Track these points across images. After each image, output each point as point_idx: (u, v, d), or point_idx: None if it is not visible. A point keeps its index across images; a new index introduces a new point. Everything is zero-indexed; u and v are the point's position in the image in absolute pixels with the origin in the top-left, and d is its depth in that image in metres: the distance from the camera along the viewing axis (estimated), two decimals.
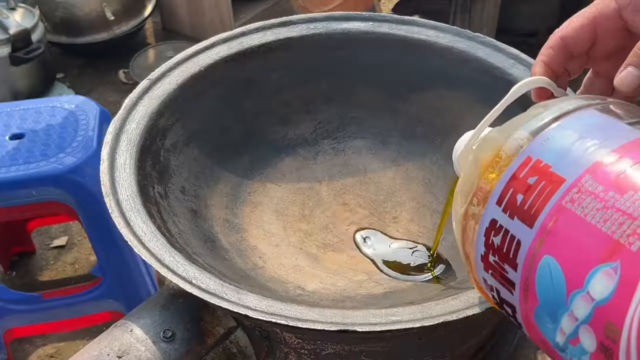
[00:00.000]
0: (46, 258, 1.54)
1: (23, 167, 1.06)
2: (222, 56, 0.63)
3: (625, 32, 0.42)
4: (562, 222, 0.31)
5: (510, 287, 0.35)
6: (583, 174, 0.32)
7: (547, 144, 0.34)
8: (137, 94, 0.59)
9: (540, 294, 0.32)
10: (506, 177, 0.35)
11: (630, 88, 0.39)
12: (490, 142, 0.38)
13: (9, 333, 1.26)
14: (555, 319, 0.31)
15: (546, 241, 0.32)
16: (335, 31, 0.66)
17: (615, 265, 0.28)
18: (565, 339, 0.31)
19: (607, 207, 0.30)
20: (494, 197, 0.35)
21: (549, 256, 0.32)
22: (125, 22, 2.07)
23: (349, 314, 0.43)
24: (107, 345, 0.45)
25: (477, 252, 0.37)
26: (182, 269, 0.46)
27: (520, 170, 0.34)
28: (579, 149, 0.33)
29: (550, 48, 0.43)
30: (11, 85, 1.84)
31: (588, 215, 0.31)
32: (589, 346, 0.30)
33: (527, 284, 0.33)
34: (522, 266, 0.33)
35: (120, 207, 0.49)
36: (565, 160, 0.33)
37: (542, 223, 0.32)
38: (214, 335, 0.47)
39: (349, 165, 0.66)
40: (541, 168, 0.34)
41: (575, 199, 0.31)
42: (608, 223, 0.30)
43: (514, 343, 0.58)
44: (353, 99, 0.68)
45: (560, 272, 0.31)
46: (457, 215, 0.39)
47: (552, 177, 0.33)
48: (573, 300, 0.30)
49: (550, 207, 0.32)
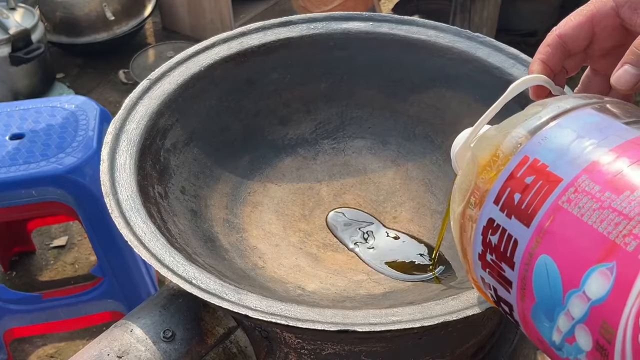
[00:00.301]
0: (46, 258, 1.54)
1: (23, 167, 1.06)
2: (222, 56, 0.63)
3: (622, 30, 0.42)
4: (559, 222, 0.32)
5: (508, 286, 0.35)
6: (580, 173, 0.32)
7: (544, 143, 0.35)
8: (137, 94, 0.59)
9: (537, 293, 0.32)
10: (504, 176, 0.35)
11: (627, 86, 0.39)
12: (487, 140, 0.38)
13: (9, 333, 1.26)
14: (552, 317, 0.31)
15: (543, 241, 0.32)
16: (335, 31, 0.66)
17: (611, 265, 0.29)
18: (561, 338, 0.31)
19: (604, 207, 0.30)
20: (492, 196, 0.35)
21: (546, 255, 0.32)
22: (125, 22, 2.07)
23: (349, 314, 0.43)
24: (107, 345, 0.45)
25: (475, 250, 0.37)
26: (182, 269, 0.46)
27: (518, 169, 0.35)
28: (576, 149, 0.33)
29: (548, 46, 0.43)
30: (11, 85, 1.84)
31: (584, 215, 0.31)
32: (585, 345, 0.30)
33: (524, 283, 0.33)
34: (519, 265, 0.33)
35: (120, 207, 0.49)
36: (563, 159, 0.33)
37: (539, 222, 0.32)
38: (214, 335, 0.47)
39: (349, 165, 0.66)
40: (538, 167, 0.34)
41: (572, 199, 0.32)
42: (604, 223, 0.30)
43: (514, 343, 0.58)
44: (353, 99, 0.68)
45: (557, 271, 0.31)
46: (454, 213, 0.39)
47: (549, 176, 0.33)
48: (569, 300, 0.30)
49: (547, 207, 0.32)
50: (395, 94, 0.67)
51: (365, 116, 0.68)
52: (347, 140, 0.68)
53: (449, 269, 0.56)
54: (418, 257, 0.58)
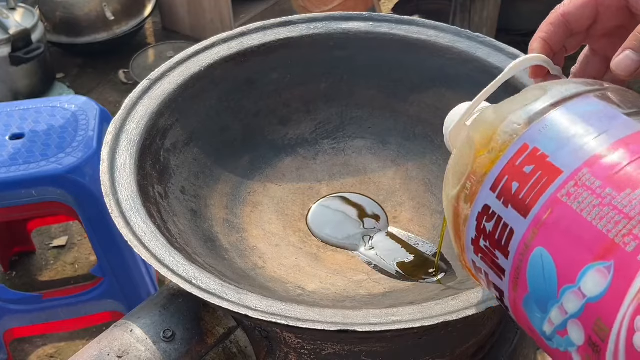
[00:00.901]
0: (46, 258, 1.54)
1: (23, 167, 1.06)
2: (222, 56, 0.63)
3: (626, 11, 0.41)
4: (557, 215, 0.31)
5: (500, 273, 0.34)
6: (581, 166, 0.31)
7: (545, 131, 0.34)
8: (137, 94, 0.59)
9: (531, 284, 0.32)
10: (502, 164, 0.34)
11: (627, 72, 0.38)
12: (485, 123, 0.37)
13: (9, 333, 1.26)
14: (545, 309, 0.31)
15: (540, 233, 0.32)
16: (335, 31, 0.66)
17: (609, 264, 0.28)
18: (553, 329, 0.31)
19: (604, 204, 0.30)
20: (488, 182, 0.35)
21: (542, 248, 0.31)
22: (125, 22, 2.07)
23: (349, 314, 0.43)
24: (107, 345, 0.45)
25: (468, 235, 0.37)
26: (182, 269, 0.46)
27: (517, 157, 0.34)
28: (577, 140, 0.32)
29: (550, 24, 0.42)
30: (11, 85, 1.84)
31: (584, 211, 0.30)
32: (577, 339, 0.30)
33: (518, 273, 0.33)
34: (513, 255, 0.33)
35: (120, 207, 0.49)
36: (563, 150, 0.32)
37: (536, 214, 0.32)
38: (214, 335, 0.47)
39: (349, 165, 0.66)
40: (538, 157, 0.33)
41: (571, 193, 0.31)
42: (604, 221, 0.29)
43: (514, 343, 0.58)
44: (353, 99, 0.68)
45: (553, 265, 0.31)
46: (448, 196, 0.39)
47: (549, 167, 0.32)
48: (564, 294, 0.30)
49: (546, 199, 0.32)
50: (395, 94, 0.67)
51: (365, 116, 0.68)
52: (347, 140, 0.68)
53: (449, 268, 0.56)
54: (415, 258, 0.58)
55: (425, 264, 0.57)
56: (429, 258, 0.58)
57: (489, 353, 0.56)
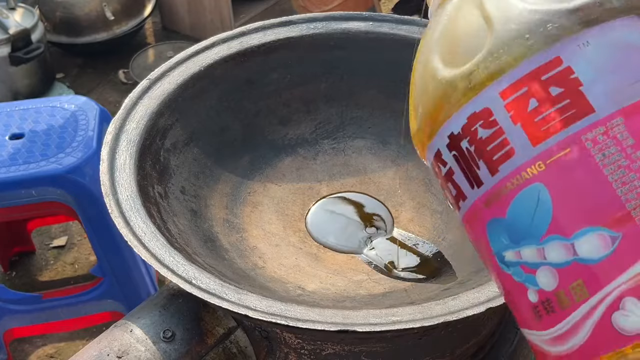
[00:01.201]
0: (46, 258, 1.54)
1: (23, 167, 1.06)
2: (222, 56, 0.63)
3: None
4: (575, 160, 0.26)
5: (475, 183, 0.29)
6: (616, 113, 0.26)
7: (585, 50, 0.27)
8: (137, 94, 0.59)
9: (512, 214, 0.28)
10: (522, 70, 0.27)
11: None
12: (513, 7, 0.28)
13: (9, 333, 1.26)
14: (517, 242, 0.28)
15: (547, 169, 0.27)
16: (335, 31, 0.66)
17: (616, 235, 0.25)
18: (517, 261, 0.28)
19: (631, 168, 0.25)
20: (500, 85, 0.28)
21: (543, 186, 0.27)
22: (125, 22, 2.07)
23: (349, 314, 0.43)
24: (107, 345, 0.45)
25: (448, 126, 0.30)
26: (182, 269, 0.46)
27: (544, 70, 0.27)
28: (620, 77, 0.26)
29: None
30: (11, 85, 1.84)
31: (606, 167, 0.26)
32: (545, 284, 0.27)
33: (499, 195, 0.28)
34: (502, 177, 0.28)
35: (120, 207, 0.49)
36: (601, 85, 0.26)
37: (549, 148, 0.27)
38: (214, 335, 0.47)
39: (349, 165, 0.66)
40: (570, 80, 0.27)
41: (598, 141, 0.26)
42: (626, 188, 0.25)
43: (514, 343, 0.58)
44: (353, 99, 0.68)
45: (550, 210, 0.27)
46: (436, 70, 0.31)
47: (580, 99, 0.26)
48: (550, 242, 0.27)
49: (567, 135, 0.26)
50: (395, 94, 0.67)
51: (365, 116, 0.68)
52: (347, 140, 0.68)
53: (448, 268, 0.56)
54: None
55: (425, 263, 0.57)
56: (429, 258, 0.58)
57: (489, 353, 0.56)
